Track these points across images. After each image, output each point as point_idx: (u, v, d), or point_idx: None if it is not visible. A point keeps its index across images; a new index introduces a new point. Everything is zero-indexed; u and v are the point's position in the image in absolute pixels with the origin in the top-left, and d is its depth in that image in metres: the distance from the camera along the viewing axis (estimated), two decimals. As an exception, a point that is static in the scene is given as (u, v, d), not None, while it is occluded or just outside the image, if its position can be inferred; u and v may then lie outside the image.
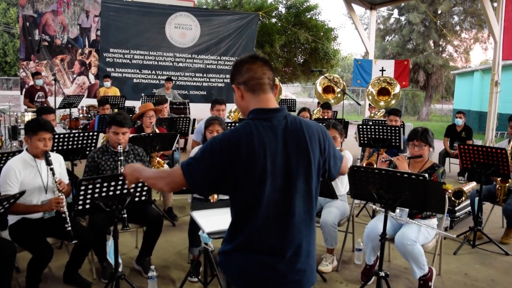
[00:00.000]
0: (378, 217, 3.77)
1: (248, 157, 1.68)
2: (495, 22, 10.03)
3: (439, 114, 30.39)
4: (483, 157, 4.55)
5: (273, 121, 1.77)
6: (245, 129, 1.73)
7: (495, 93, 10.21)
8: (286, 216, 1.76)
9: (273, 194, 1.73)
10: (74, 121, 8.54)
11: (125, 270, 3.89)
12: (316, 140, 1.83)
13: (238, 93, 1.84)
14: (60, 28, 11.40)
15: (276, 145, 1.73)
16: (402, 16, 27.99)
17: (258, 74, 1.80)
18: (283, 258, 1.77)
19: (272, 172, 1.71)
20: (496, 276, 4.06)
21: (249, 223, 1.74)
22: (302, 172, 1.78)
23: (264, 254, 1.75)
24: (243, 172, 1.69)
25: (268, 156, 1.70)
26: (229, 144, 1.69)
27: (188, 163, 1.75)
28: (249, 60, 1.82)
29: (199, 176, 1.72)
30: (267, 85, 1.82)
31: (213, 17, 12.92)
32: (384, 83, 8.94)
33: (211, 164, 1.70)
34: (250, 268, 1.77)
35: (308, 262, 1.85)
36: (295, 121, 1.81)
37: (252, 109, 1.80)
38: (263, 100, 1.80)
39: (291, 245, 1.78)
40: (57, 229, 3.43)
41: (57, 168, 3.54)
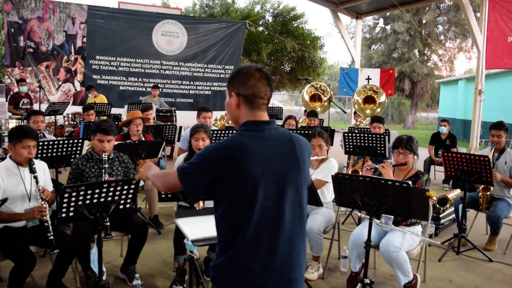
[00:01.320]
0: (363, 224, 3.79)
1: (241, 167, 1.72)
2: (478, 32, 10.21)
3: (424, 122, 30.72)
4: (467, 164, 4.61)
5: (265, 131, 1.82)
6: (238, 139, 1.78)
7: (478, 101, 10.37)
8: (278, 224, 1.79)
9: (265, 202, 1.75)
10: (60, 129, 8.47)
11: (110, 279, 3.85)
12: (307, 150, 1.93)
13: (235, 101, 1.85)
14: (45, 34, 11.31)
15: (269, 154, 1.78)
16: (388, 25, 28.33)
17: (261, 94, 1.84)
18: (275, 268, 1.77)
19: (264, 180, 1.74)
20: (480, 282, 4.10)
21: (241, 232, 1.75)
22: (293, 180, 1.83)
23: (256, 264, 1.75)
24: (236, 178, 1.72)
25: (260, 164, 1.74)
26: (221, 153, 1.74)
27: (183, 168, 1.80)
28: (256, 75, 1.83)
29: (193, 181, 1.78)
30: (265, 105, 1.87)
31: (200, 25, 12.96)
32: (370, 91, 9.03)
33: (205, 172, 1.75)
34: (243, 281, 1.76)
35: (300, 272, 1.87)
36: (285, 132, 1.89)
37: (245, 122, 1.84)
38: (257, 115, 1.85)
39: (282, 254, 1.79)
40: (40, 238, 3.38)
41: (41, 175, 3.50)
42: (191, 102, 12.73)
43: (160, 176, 1.97)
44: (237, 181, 1.72)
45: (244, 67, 1.88)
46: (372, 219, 3.21)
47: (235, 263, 1.76)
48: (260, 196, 1.74)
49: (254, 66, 1.87)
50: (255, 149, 1.75)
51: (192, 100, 12.80)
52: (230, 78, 1.89)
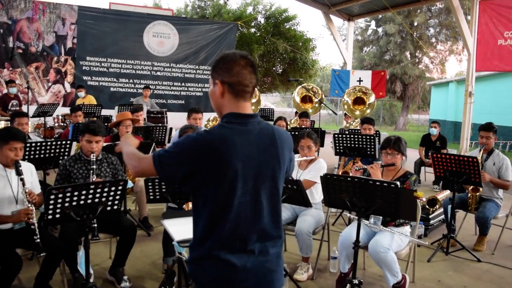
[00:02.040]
0: (352, 225, 3.79)
1: (220, 160, 1.69)
2: (469, 34, 10.29)
3: (415, 124, 30.90)
4: (455, 165, 4.63)
5: (248, 125, 1.79)
6: (220, 132, 1.74)
7: (469, 103, 10.44)
8: (255, 219, 1.78)
9: (243, 197, 1.74)
10: (49, 130, 8.39)
11: (98, 281, 3.82)
12: (287, 146, 1.89)
13: (219, 89, 1.81)
14: (35, 35, 11.22)
15: (249, 149, 1.75)
16: (379, 27, 28.49)
17: (246, 82, 1.79)
18: (253, 260, 1.77)
19: (243, 175, 1.72)
20: (469, 282, 4.12)
21: (218, 226, 1.74)
22: (271, 175, 1.82)
23: (234, 258, 1.74)
24: (214, 172, 1.70)
25: (241, 159, 1.72)
26: (202, 145, 1.70)
27: (160, 155, 1.75)
28: (241, 62, 1.79)
29: (168, 168, 1.74)
30: (249, 93, 1.83)
31: (191, 26, 12.94)
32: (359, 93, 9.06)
33: (182, 162, 1.71)
34: (220, 275, 1.75)
35: (278, 263, 1.87)
36: (267, 127, 1.85)
37: (228, 113, 1.80)
38: (241, 106, 1.81)
39: (260, 247, 1.79)
40: (27, 240, 3.34)
41: (28, 177, 3.46)
42: (183, 103, 12.70)
43: (132, 159, 1.88)
44: (216, 175, 1.70)
45: (228, 53, 1.83)
46: (360, 220, 3.21)
47: (212, 258, 1.74)
48: (238, 192, 1.72)
49: (239, 53, 1.83)
50: (237, 143, 1.72)
51: (184, 101, 12.77)
52: (213, 65, 1.85)
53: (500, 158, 4.93)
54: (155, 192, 3.51)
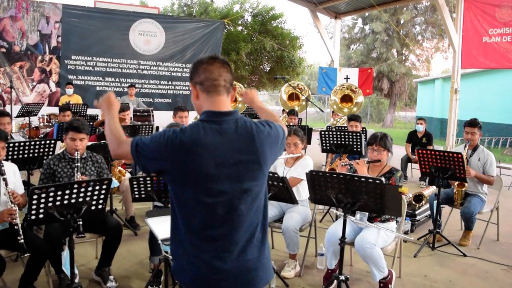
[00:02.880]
0: (338, 222, 3.80)
1: (192, 160, 1.69)
2: (454, 32, 10.37)
3: (403, 121, 31.15)
4: (441, 161, 4.67)
5: (223, 124, 1.77)
6: (193, 131, 1.72)
7: (455, 100, 10.53)
8: (232, 219, 1.77)
9: (219, 197, 1.73)
10: (35, 130, 8.30)
11: (84, 281, 3.79)
12: (268, 143, 1.84)
13: (194, 92, 1.84)
14: (19, 34, 11.05)
15: (223, 148, 1.73)
16: (366, 25, 28.64)
17: (214, 76, 1.79)
18: (233, 260, 1.77)
19: (217, 176, 1.71)
20: (454, 277, 4.16)
21: (193, 226, 1.74)
22: (251, 174, 1.79)
23: (213, 257, 1.75)
24: (185, 174, 1.70)
25: (214, 159, 1.70)
26: (174, 143, 1.69)
27: (137, 144, 1.76)
28: (208, 60, 1.81)
29: (142, 160, 1.76)
30: (222, 87, 1.81)
31: (178, 24, 12.87)
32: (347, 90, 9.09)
33: (154, 158, 1.73)
34: (200, 273, 1.75)
35: (260, 261, 1.85)
36: (246, 124, 1.81)
37: (204, 111, 1.80)
38: (216, 102, 1.80)
39: (239, 246, 1.78)
40: (11, 241, 3.29)
41: (11, 178, 3.41)
42: (169, 102, 12.63)
43: (113, 140, 1.88)
44: (186, 176, 1.70)
45: (197, 59, 1.87)
46: (346, 216, 3.22)
47: (194, 257, 1.75)
48: (213, 192, 1.72)
49: (208, 55, 1.85)
50: (209, 144, 1.71)
51: (170, 100, 12.70)
52: (189, 74, 1.89)
53: (485, 153, 4.98)
54: (140, 191, 3.48)
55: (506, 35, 9.11)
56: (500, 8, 9.21)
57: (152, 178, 3.38)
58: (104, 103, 2.07)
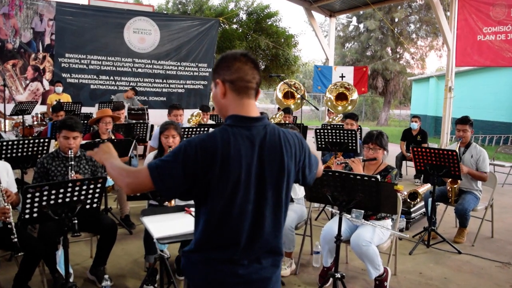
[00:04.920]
0: (334, 220, 3.80)
1: (223, 166, 1.61)
2: (448, 30, 10.41)
3: (397, 119, 31.25)
4: (435, 159, 4.69)
5: (252, 130, 1.69)
6: (222, 136, 1.64)
7: (449, 98, 10.57)
8: (255, 228, 1.71)
9: (244, 206, 1.67)
10: (28, 129, 8.24)
11: (79, 281, 3.77)
12: (292, 153, 1.77)
13: (221, 89, 1.71)
14: (12, 31, 10.93)
15: (252, 155, 1.66)
16: (361, 23, 28.68)
17: (248, 77, 1.70)
18: (249, 265, 1.72)
19: (246, 183, 1.65)
20: (449, 274, 4.18)
21: (217, 234, 1.68)
22: (275, 184, 1.72)
23: (231, 263, 1.70)
24: (217, 181, 1.61)
25: (244, 166, 1.64)
26: (204, 150, 1.60)
27: (157, 166, 1.63)
28: (241, 58, 1.71)
29: (168, 180, 1.61)
30: (253, 90, 1.73)
31: (173, 22, 12.80)
32: (341, 88, 9.10)
33: (183, 169, 1.60)
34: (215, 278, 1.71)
35: (274, 272, 1.80)
36: (274, 132, 1.74)
37: (232, 115, 1.71)
38: (245, 105, 1.72)
39: (258, 255, 1.74)
40: (4, 240, 3.26)
41: (4, 176, 3.38)
42: (164, 100, 12.56)
43: (125, 175, 1.71)
44: (217, 183, 1.62)
45: (228, 53, 1.75)
46: (342, 214, 3.23)
47: (209, 263, 1.70)
48: (239, 201, 1.65)
49: (239, 51, 1.75)
50: (240, 149, 1.63)
51: (165, 98, 12.63)
52: (214, 67, 1.77)
53: (478, 150, 5.00)
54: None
55: (500, 33, 9.15)
56: (494, 6, 9.25)
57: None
58: (100, 152, 1.94)
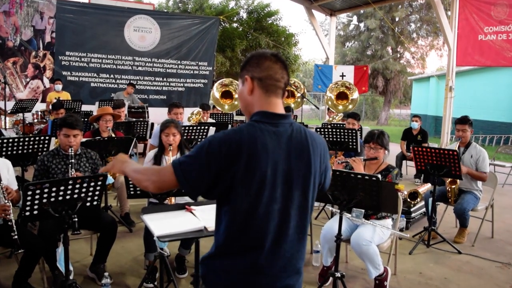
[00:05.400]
0: (334, 219, 3.80)
1: (249, 162, 1.56)
2: (449, 30, 10.40)
3: (397, 118, 31.25)
4: (436, 158, 4.68)
5: (279, 127, 1.66)
6: (249, 131, 1.60)
7: (449, 98, 10.56)
8: (281, 230, 1.66)
9: (270, 205, 1.62)
10: (29, 126, 8.24)
11: (79, 278, 3.77)
12: (318, 152, 1.75)
13: (249, 86, 1.70)
14: (12, 29, 10.93)
15: (279, 152, 1.62)
16: (361, 22, 28.66)
17: (278, 76, 1.69)
18: (273, 273, 1.67)
19: (272, 181, 1.60)
20: (449, 274, 4.17)
21: (242, 235, 1.62)
22: (302, 184, 1.68)
23: (254, 269, 1.64)
24: (242, 177, 1.57)
25: (270, 163, 1.59)
26: (230, 145, 1.56)
27: (181, 162, 1.61)
28: (272, 58, 1.70)
29: (192, 177, 1.59)
30: (281, 90, 1.72)
31: (173, 21, 12.79)
32: (342, 87, 9.09)
33: (207, 165, 1.56)
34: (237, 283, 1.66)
35: (297, 279, 1.76)
36: (300, 130, 1.71)
37: (259, 111, 1.68)
38: (272, 103, 1.69)
39: (282, 260, 1.68)
40: (4, 238, 3.27)
41: (4, 174, 3.39)
42: (164, 98, 12.55)
43: (148, 174, 1.72)
44: (243, 180, 1.57)
45: (258, 51, 1.75)
46: (342, 213, 3.22)
47: (232, 266, 1.65)
48: (265, 199, 1.60)
49: (269, 51, 1.74)
50: (268, 146, 1.59)
51: (165, 96, 12.63)
52: (243, 64, 1.75)
53: (477, 150, 5.00)
54: (136, 187, 3.46)
55: (501, 33, 9.14)
56: (495, 6, 9.23)
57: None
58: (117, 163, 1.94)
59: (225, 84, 9.02)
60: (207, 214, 2.43)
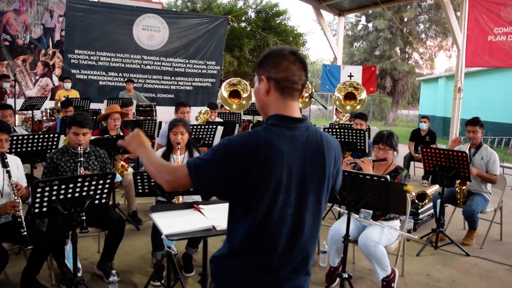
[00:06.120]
0: (342, 219, 3.79)
1: (265, 166, 1.54)
2: (458, 30, 10.32)
3: (405, 119, 31.05)
4: (445, 160, 4.65)
5: (296, 131, 1.63)
6: (266, 135, 1.58)
7: (458, 99, 10.48)
8: (294, 233, 1.65)
9: (284, 209, 1.60)
10: (37, 124, 8.29)
11: (86, 275, 3.79)
12: (333, 156, 1.72)
13: (265, 86, 1.65)
14: (22, 27, 11.02)
15: (295, 157, 1.60)
16: (370, 23, 28.54)
17: (295, 78, 1.63)
18: (283, 274, 1.66)
19: (287, 186, 1.59)
20: (457, 276, 4.15)
21: (256, 239, 1.61)
22: (316, 188, 1.67)
23: (265, 272, 1.64)
24: (257, 181, 1.55)
25: (286, 167, 1.57)
26: (246, 149, 1.54)
27: (196, 164, 1.59)
28: (290, 57, 1.63)
29: (207, 179, 1.57)
30: (298, 92, 1.67)
31: (182, 20, 12.82)
32: (350, 88, 9.04)
33: (222, 168, 1.55)
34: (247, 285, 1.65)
35: (305, 280, 1.75)
36: (316, 134, 1.68)
37: (274, 114, 1.65)
38: (289, 106, 1.66)
39: (293, 262, 1.67)
40: (14, 234, 3.29)
41: (14, 171, 3.41)
42: (172, 97, 12.59)
43: (163, 171, 1.67)
44: (259, 184, 1.55)
45: (276, 48, 1.68)
46: (350, 214, 3.21)
47: (243, 266, 1.64)
48: (279, 203, 1.59)
49: (288, 48, 1.68)
50: (284, 150, 1.57)
51: (173, 95, 12.67)
52: (260, 61, 1.69)
53: (488, 152, 4.96)
54: (144, 185, 3.47)
55: (511, 34, 9.06)
56: (505, 7, 9.15)
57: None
58: (134, 140, 1.87)
59: (233, 83, 9.02)
60: (216, 213, 2.43)
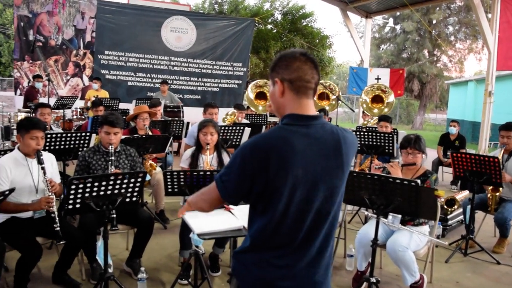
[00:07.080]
0: (370, 223, 3.76)
1: (280, 164, 1.59)
2: (489, 33, 10.10)
3: (433, 123, 30.53)
4: (476, 165, 4.56)
5: (311, 128, 1.67)
6: (279, 135, 1.63)
7: (488, 103, 10.26)
8: (311, 228, 1.70)
9: (302, 205, 1.65)
10: (68, 123, 8.49)
11: (115, 272, 3.85)
12: (349, 152, 1.75)
13: (279, 88, 1.70)
14: (55, 29, 11.34)
15: (310, 154, 1.64)
16: (397, 25, 28.17)
17: (308, 77, 1.68)
18: (301, 269, 1.70)
19: (304, 182, 1.63)
20: (487, 285, 4.06)
21: (275, 234, 1.66)
22: (333, 183, 1.70)
23: (282, 265, 1.69)
24: (274, 179, 1.60)
25: (302, 164, 1.62)
26: (260, 150, 1.60)
27: (221, 174, 1.68)
28: (301, 58, 1.69)
29: (231, 186, 1.67)
30: (311, 90, 1.71)
31: (209, 22, 12.94)
32: (378, 91, 8.96)
33: (243, 173, 1.62)
34: (265, 278, 1.69)
35: (326, 275, 1.78)
36: (332, 130, 1.72)
37: (289, 114, 1.69)
38: (303, 105, 1.70)
39: (311, 256, 1.71)
40: (47, 229, 3.39)
41: (48, 167, 3.50)
42: (199, 98, 12.73)
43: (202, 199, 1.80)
44: (277, 182, 1.60)
45: (286, 52, 1.73)
46: (379, 218, 3.19)
47: (262, 263, 1.69)
48: (296, 199, 1.63)
49: (298, 50, 1.72)
50: (298, 147, 1.61)
51: (200, 96, 12.80)
52: (272, 66, 1.75)
53: (522, 158, 4.84)
54: (174, 185, 3.51)
55: (545, 37, 8.83)
56: (539, 9, 8.93)
57: (186, 173, 3.40)
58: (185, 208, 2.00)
59: (259, 85, 9.06)
60: (246, 213, 2.44)
